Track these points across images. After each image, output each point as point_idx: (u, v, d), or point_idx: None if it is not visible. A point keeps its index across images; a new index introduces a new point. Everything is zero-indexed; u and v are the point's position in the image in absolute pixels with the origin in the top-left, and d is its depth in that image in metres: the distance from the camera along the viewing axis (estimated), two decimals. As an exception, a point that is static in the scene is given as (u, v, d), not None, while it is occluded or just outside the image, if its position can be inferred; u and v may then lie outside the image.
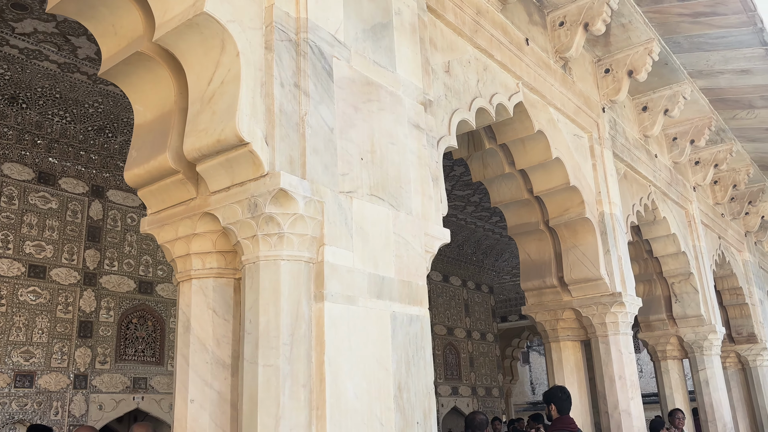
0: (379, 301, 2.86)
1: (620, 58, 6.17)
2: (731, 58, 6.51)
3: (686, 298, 7.81)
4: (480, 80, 4.40)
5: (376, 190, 3.02)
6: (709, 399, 7.57)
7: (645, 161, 7.06)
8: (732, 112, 7.85)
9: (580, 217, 5.49)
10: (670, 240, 7.60)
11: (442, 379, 12.74)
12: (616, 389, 5.26)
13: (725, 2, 5.36)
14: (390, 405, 2.76)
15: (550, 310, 5.77)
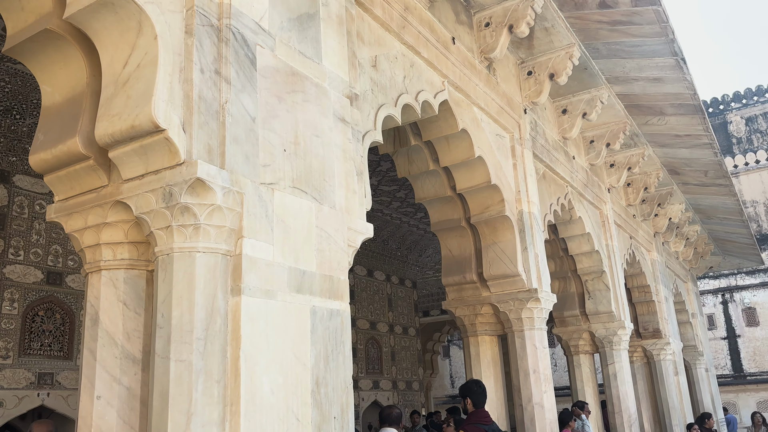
0: (299, 296, 2.83)
1: (542, 61, 6.35)
2: (645, 66, 6.82)
3: (598, 295, 8.15)
4: (406, 77, 4.42)
5: (299, 183, 2.97)
6: (616, 391, 7.94)
7: (563, 162, 7.31)
8: (645, 118, 8.23)
9: (500, 215, 5.62)
10: (584, 239, 7.89)
11: (363, 373, 12.79)
12: (530, 383, 5.43)
13: (641, 13, 5.60)
14: (307, 400, 2.73)
15: (469, 305, 5.88)
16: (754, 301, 21.41)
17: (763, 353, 20.95)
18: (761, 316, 21.23)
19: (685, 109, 7.74)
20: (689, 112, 7.79)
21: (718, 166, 9.84)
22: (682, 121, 8.12)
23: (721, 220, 13.08)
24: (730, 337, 21.59)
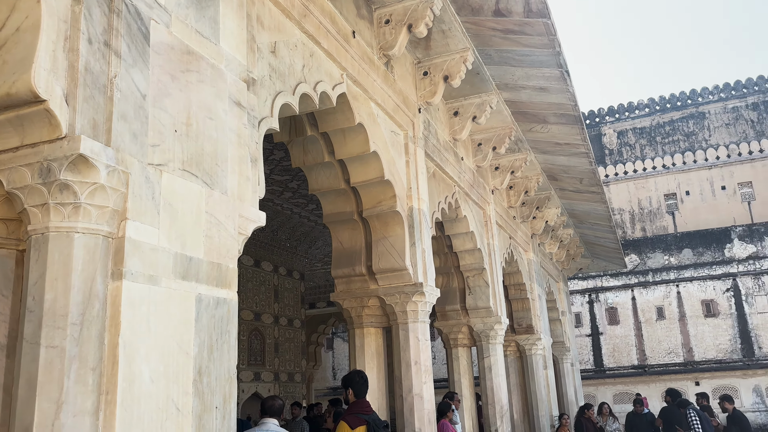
0: (184, 283, 2.74)
1: (438, 62, 6.52)
2: (533, 75, 7.19)
3: (478, 291, 8.51)
4: (306, 66, 4.39)
5: (189, 166, 2.88)
6: (490, 384, 8.33)
7: (452, 163, 7.55)
8: (529, 125, 8.67)
9: (392, 210, 5.72)
10: (468, 237, 8.21)
11: (244, 364, 12.57)
12: (411, 374, 5.58)
13: (531, 24, 5.90)
14: (189, 389, 2.66)
15: (357, 298, 5.95)
16: (616, 302, 23.20)
17: (621, 350, 22.76)
18: (621, 316, 23.04)
19: (566, 119, 8.24)
20: (570, 122, 8.30)
21: (592, 175, 10.55)
22: (563, 130, 8.64)
23: (592, 225, 14.04)
24: (593, 335, 23.26)
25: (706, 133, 27.44)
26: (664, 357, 22.16)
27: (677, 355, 22.04)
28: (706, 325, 21.92)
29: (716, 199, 25.59)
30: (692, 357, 21.82)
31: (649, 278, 22.97)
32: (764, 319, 21.31)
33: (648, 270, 23.09)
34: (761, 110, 26.74)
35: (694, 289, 22.35)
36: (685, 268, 22.63)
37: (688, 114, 27.92)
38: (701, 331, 21.94)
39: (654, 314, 22.62)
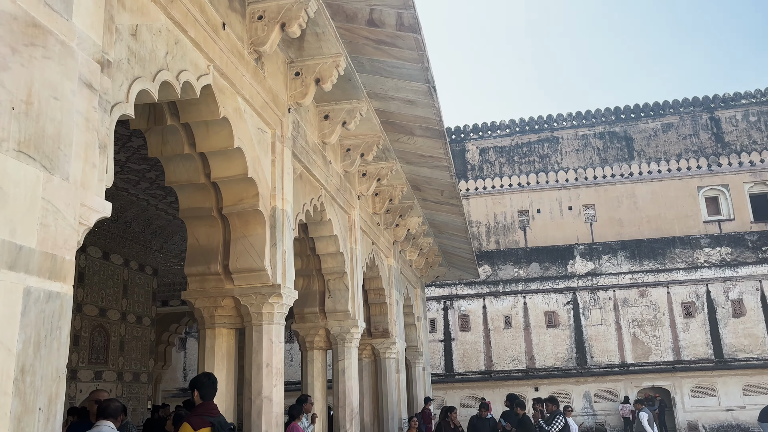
0: (11, 273, 2.52)
1: (311, 64, 6.51)
2: (402, 87, 7.38)
3: (338, 294, 8.57)
4: (169, 53, 4.21)
5: (26, 147, 2.65)
6: (343, 386, 8.42)
7: (320, 166, 7.57)
8: (397, 135, 8.90)
9: (253, 209, 5.62)
10: (332, 240, 8.26)
11: (85, 363, 11.75)
12: (262, 376, 5.50)
13: (403, 38, 6.06)
14: (8, 389, 2.44)
15: (210, 297, 5.78)
16: (469, 309, 24.37)
17: (470, 355, 23.92)
18: (473, 323, 24.24)
19: (431, 133, 8.55)
20: (434, 136, 8.62)
21: (452, 188, 11.02)
22: (428, 143, 8.95)
23: (450, 236, 14.65)
24: (446, 340, 24.26)
25: (558, 156, 29.65)
26: (509, 363, 23.58)
27: (520, 362, 23.54)
28: (548, 335, 23.62)
29: (563, 218, 27.70)
30: (533, 364, 23.41)
31: (500, 289, 24.37)
32: (597, 331, 23.35)
33: (499, 281, 24.48)
34: (606, 139, 29.36)
35: (539, 301, 24.02)
36: (532, 281, 24.27)
37: (544, 137, 30.03)
38: (543, 340, 23.60)
39: (502, 323, 24.02)
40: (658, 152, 28.65)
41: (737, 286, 22.85)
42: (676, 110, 28.99)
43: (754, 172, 26.48)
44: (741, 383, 21.93)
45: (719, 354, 22.30)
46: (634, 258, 23.92)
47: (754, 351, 22.15)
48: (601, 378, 22.76)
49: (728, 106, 28.54)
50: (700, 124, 28.70)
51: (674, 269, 23.42)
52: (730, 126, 28.41)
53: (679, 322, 22.87)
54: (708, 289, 22.97)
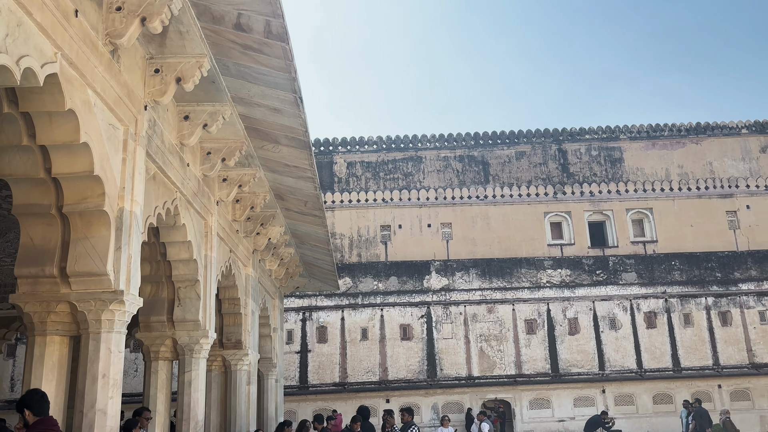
0: None
1: (172, 62, 6.26)
2: (269, 95, 7.31)
3: (188, 303, 8.24)
4: (10, 35, 3.87)
5: None
6: (188, 399, 8.08)
7: (177, 167, 7.27)
8: (261, 143, 8.77)
9: (98, 209, 5.29)
10: (185, 246, 7.94)
11: None
12: (97, 388, 5.16)
13: (270, 45, 6.01)
14: None
15: (43, 302, 5.34)
16: (327, 321, 24.43)
17: (326, 367, 23.95)
18: (330, 335, 24.31)
19: (297, 143, 8.52)
20: (299, 146, 8.60)
21: (316, 199, 11.04)
22: (293, 153, 8.91)
23: (312, 247, 14.64)
24: (303, 352, 24.12)
25: (421, 175, 30.71)
26: (363, 375, 23.89)
27: (374, 374, 23.93)
28: (402, 348, 24.24)
29: (422, 234, 28.68)
30: (386, 376, 23.90)
31: (359, 301, 24.69)
32: (448, 345, 24.32)
33: (359, 293, 24.81)
34: (465, 162, 30.87)
35: (395, 314, 24.61)
36: (390, 294, 24.83)
37: (408, 156, 30.98)
38: (397, 352, 24.18)
39: (359, 335, 24.31)
40: (511, 178, 30.57)
41: (574, 306, 24.83)
42: (529, 140, 31.12)
43: (593, 201, 29.02)
44: (573, 396, 23.80)
45: (555, 368, 24.06)
46: (484, 276, 25.24)
47: (585, 366, 24.14)
48: (449, 390, 23.70)
49: (574, 139, 31.12)
50: (550, 154, 31.02)
51: (520, 288, 25.00)
52: (575, 158, 30.96)
53: (522, 338, 24.41)
54: (549, 308, 24.74)
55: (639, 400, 23.79)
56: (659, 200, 29.03)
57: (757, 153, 30.83)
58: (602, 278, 25.21)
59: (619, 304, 24.83)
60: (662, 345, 24.40)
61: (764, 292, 24.94)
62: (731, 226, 28.78)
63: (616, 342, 24.39)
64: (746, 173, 30.34)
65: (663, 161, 30.70)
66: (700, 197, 29.15)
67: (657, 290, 25.00)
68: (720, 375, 23.95)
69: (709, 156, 30.76)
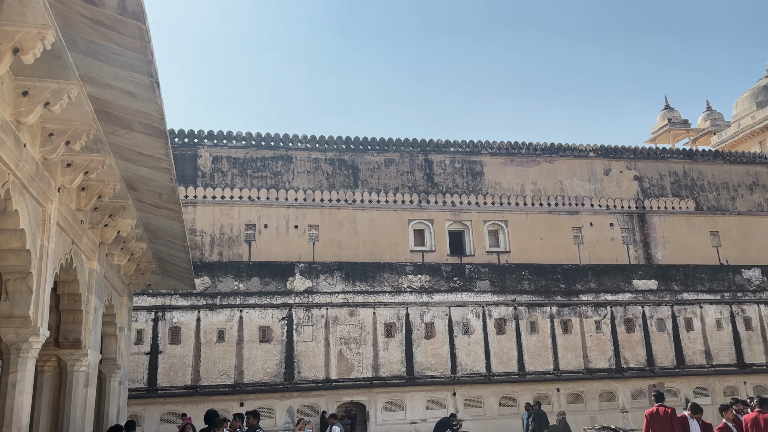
0: None
1: (10, 31, 5.65)
2: (122, 77, 6.81)
3: (18, 297, 7.48)
4: None
5: None
6: (11, 402, 7.31)
7: (11, 147, 6.58)
8: (113, 128, 8.17)
9: None
10: (17, 235, 7.20)
11: None
12: None
13: (125, 23, 5.60)
14: None
15: None
16: (181, 321, 23.39)
17: (177, 370, 22.91)
18: (184, 336, 23.29)
19: (152, 131, 8.02)
20: (155, 134, 8.10)
21: (172, 192, 10.47)
22: (147, 141, 8.38)
23: (166, 243, 13.90)
24: (153, 353, 22.89)
25: (291, 175, 30.35)
26: (217, 378, 23.11)
27: (229, 377, 23.24)
28: (260, 350, 23.76)
29: (289, 236, 28.36)
30: (242, 379, 23.29)
31: (218, 301, 23.89)
32: (307, 347, 24.17)
33: (218, 293, 24.00)
34: (336, 166, 30.95)
35: (255, 315, 24.07)
36: (251, 295, 24.27)
37: (278, 155, 30.52)
38: (254, 355, 23.66)
39: (215, 336, 23.51)
40: (380, 184, 31.08)
41: (431, 311, 25.65)
42: (398, 148, 31.82)
43: (454, 211, 30.24)
44: (425, 398, 24.55)
45: (411, 372, 24.70)
46: (348, 279, 25.40)
47: (439, 369, 25.00)
48: (306, 393, 23.56)
49: (440, 151, 32.25)
50: (417, 163, 31.92)
51: (382, 292, 25.42)
52: (439, 169, 32.08)
53: (381, 341, 24.81)
54: (408, 312, 25.37)
55: (486, 403, 25.02)
56: (514, 213, 30.83)
57: (602, 175, 33.66)
58: (459, 285, 26.27)
59: (473, 311, 25.99)
60: (510, 350, 25.84)
61: (601, 303, 27.22)
62: (576, 241, 31.18)
63: (469, 347, 25.50)
64: (591, 193, 33.01)
65: (519, 177, 32.61)
66: (551, 213, 31.32)
67: (508, 298, 26.46)
68: (559, 379, 25.79)
69: (560, 175, 33.12)
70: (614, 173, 33.80)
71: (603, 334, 26.87)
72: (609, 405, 26.04)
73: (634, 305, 27.55)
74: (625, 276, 28.07)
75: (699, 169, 34.67)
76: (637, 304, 27.59)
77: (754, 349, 28.15)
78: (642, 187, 33.81)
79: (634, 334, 27.15)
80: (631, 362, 26.76)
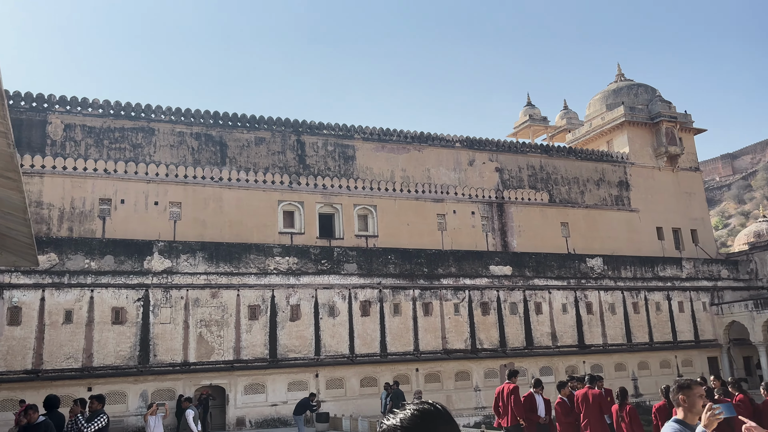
0: None
1: None
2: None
3: None
4: None
5: None
6: None
7: None
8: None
9: None
10: None
11: None
12: None
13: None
14: None
15: None
16: (23, 301, 21.50)
17: (17, 353, 21.06)
18: (26, 317, 21.43)
19: (-17, 88, 7.18)
20: (-13, 92, 7.26)
21: (9, 159, 9.47)
22: (-22, 99, 7.49)
23: (4, 215, 12.62)
24: (-13, 335, 20.87)
25: (152, 148, 28.74)
26: (63, 362, 21.54)
27: (77, 360, 21.74)
28: (112, 332, 22.41)
29: (148, 212, 26.89)
30: (91, 362, 21.87)
31: (66, 280, 22.21)
32: (165, 329, 23.14)
33: (66, 271, 22.31)
34: (202, 141, 29.73)
35: (108, 296, 22.65)
36: (104, 275, 22.79)
37: (139, 126, 28.77)
38: (106, 337, 22.28)
39: (62, 317, 21.88)
40: (249, 162, 30.30)
41: (297, 293, 25.50)
42: (269, 127, 31.16)
43: (325, 194, 30.19)
44: (287, 380, 24.44)
45: (274, 354, 24.44)
46: (212, 260, 24.58)
47: (302, 351, 24.96)
48: (162, 377, 22.60)
49: (313, 132, 32.00)
50: (289, 144, 31.47)
51: (247, 273, 24.87)
52: (312, 151, 31.86)
53: (244, 324, 24.31)
54: (273, 294, 25.05)
55: (348, 384, 25.37)
56: (383, 199, 31.34)
57: (466, 165, 35.07)
58: (327, 267, 26.31)
59: (340, 293, 26.18)
60: (373, 332, 26.35)
61: (460, 287, 28.46)
62: (440, 227, 32.31)
63: (333, 329, 25.68)
64: (456, 182, 34.31)
65: (390, 163, 33.18)
66: (418, 199, 32.19)
67: (374, 281, 26.91)
68: (418, 359, 26.69)
69: (428, 163, 34.09)
70: (478, 164, 35.32)
71: (461, 317, 28.13)
72: (464, 384, 27.37)
73: (490, 290, 29.07)
74: (483, 262, 29.51)
75: (554, 164, 37.11)
76: (493, 289, 29.13)
77: (593, 332, 30.76)
78: (502, 178, 35.64)
79: (489, 317, 28.67)
80: (486, 343, 28.26)
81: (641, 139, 40.08)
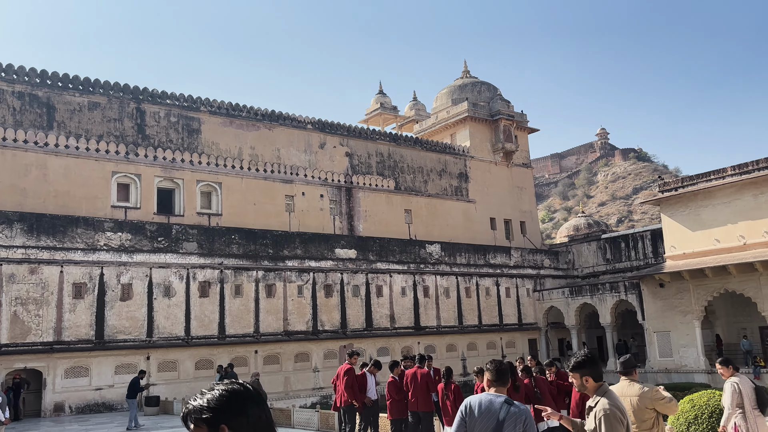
0: None
1: None
2: None
3: None
4: None
5: None
6: None
7: None
8: None
9: None
10: None
11: None
12: None
13: None
14: None
15: None
16: None
17: None
18: None
19: None
20: None
21: None
22: None
23: None
24: None
25: (-36, 105, 25.48)
26: None
27: None
28: None
29: (-44, 176, 23.85)
30: None
31: None
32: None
33: None
34: (26, 101, 26.87)
35: None
36: None
37: (-51, 79, 25.33)
38: None
39: None
40: (80, 129, 27.90)
41: (130, 271, 24.00)
42: (106, 91, 28.88)
43: (166, 168, 28.60)
44: (115, 363, 22.99)
45: (101, 335, 22.86)
46: (31, 232, 22.37)
47: (133, 333, 23.59)
48: (-34, 360, 20.26)
49: (155, 101, 30.15)
50: (127, 111, 29.39)
51: (73, 249, 22.96)
52: (153, 121, 30.02)
53: (68, 303, 22.47)
54: (102, 272, 23.38)
55: (182, 366, 24.43)
56: (229, 176, 30.39)
57: (317, 148, 35.01)
58: (164, 245, 25.03)
59: (177, 273, 25.05)
60: (212, 313, 25.55)
61: (305, 269, 28.43)
62: (288, 209, 32.01)
63: (168, 309, 24.54)
64: (306, 164, 34.15)
65: (238, 140, 32.22)
66: (266, 179, 31.60)
67: (215, 261, 26.06)
68: (258, 341, 26.34)
69: (278, 143, 33.57)
70: (329, 147, 35.40)
71: (304, 299, 28.14)
72: (303, 365, 27.46)
73: (335, 272, 29.37)
74: (329, 245, 29.71)
75: (401, 153, 38.19)
76: (338, 272, 29.46)
77: (429, 314, 32.23)
78: (352, 163, 36.04)
79: (332, 299, 28.97)
80: (327, 325, 28.55)
81: (481, 134, 42.45)
